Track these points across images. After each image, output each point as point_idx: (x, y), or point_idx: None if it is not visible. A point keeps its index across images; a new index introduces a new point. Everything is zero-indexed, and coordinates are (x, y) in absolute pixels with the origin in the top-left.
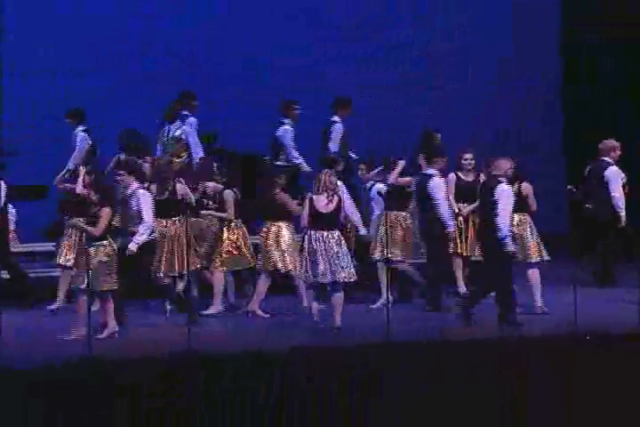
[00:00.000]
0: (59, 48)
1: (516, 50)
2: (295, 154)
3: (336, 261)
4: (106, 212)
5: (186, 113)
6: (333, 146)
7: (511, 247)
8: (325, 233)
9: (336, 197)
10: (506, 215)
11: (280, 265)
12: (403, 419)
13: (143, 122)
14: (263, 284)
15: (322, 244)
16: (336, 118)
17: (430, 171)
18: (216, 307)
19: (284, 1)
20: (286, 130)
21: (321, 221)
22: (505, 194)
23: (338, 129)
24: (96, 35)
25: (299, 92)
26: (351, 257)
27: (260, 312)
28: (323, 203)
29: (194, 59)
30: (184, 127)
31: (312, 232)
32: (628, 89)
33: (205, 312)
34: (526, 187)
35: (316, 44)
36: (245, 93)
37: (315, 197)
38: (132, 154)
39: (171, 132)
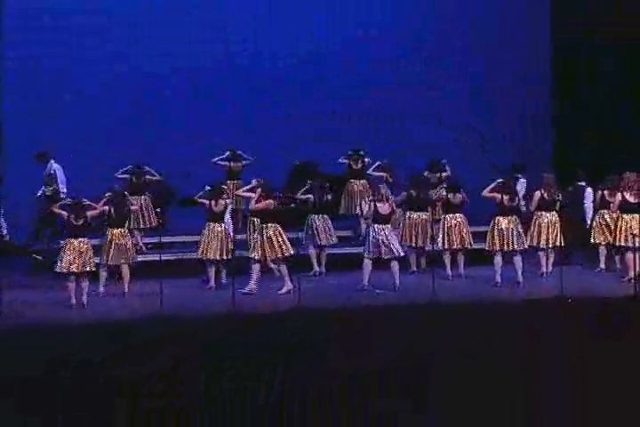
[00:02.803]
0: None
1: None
2: None
3: (390, 245)
4: None
5: None
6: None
7: None
8: (382, 226)
9: (388, 204)
10: None
11: None
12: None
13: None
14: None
15: (382, 232)
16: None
17: None
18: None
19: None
20: None
21: (380, 219)
22: None
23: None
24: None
25: (299, 94)
26: None
27: None
28: (382, 208)
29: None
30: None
31: (375, 225)
32: (629, 89)
33: None
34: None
35: (316, 44)
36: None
37: (378, 203)
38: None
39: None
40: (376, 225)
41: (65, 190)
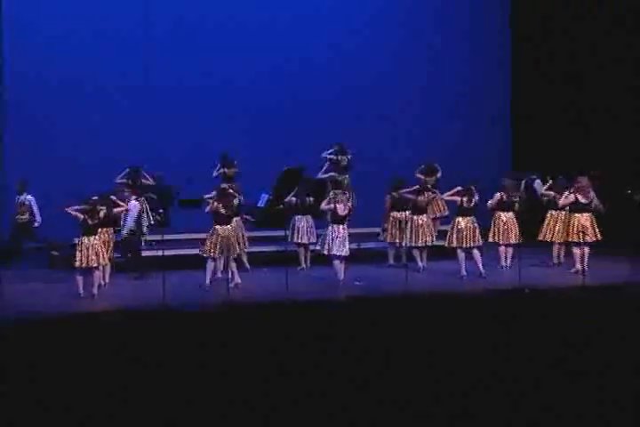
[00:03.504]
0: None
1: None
2: None
3: (340, 243)
4: None
5: None
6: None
7: None
8: (340, 226)
9: (347, 206)
10: None
11: None
12: None
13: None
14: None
15: (337, 232)
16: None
17: None
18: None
19: (283, 3)
20: None
21: (338, 219)
22: None
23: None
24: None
25: (297, 95)
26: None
27: None
28: (341, 209)
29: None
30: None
31: (333, 225)
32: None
33: None
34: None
35: (315, 45)
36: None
37: (337, 204)
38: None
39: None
40: (334, 224)
41: (39, 219)
